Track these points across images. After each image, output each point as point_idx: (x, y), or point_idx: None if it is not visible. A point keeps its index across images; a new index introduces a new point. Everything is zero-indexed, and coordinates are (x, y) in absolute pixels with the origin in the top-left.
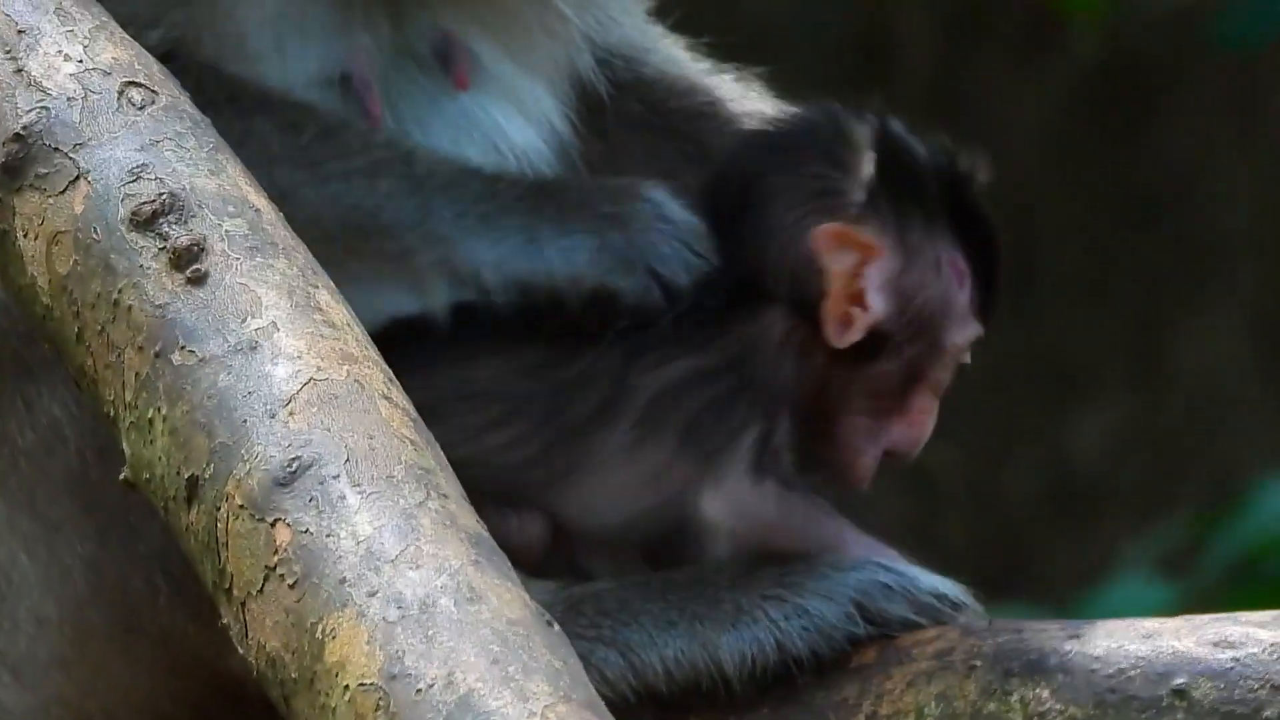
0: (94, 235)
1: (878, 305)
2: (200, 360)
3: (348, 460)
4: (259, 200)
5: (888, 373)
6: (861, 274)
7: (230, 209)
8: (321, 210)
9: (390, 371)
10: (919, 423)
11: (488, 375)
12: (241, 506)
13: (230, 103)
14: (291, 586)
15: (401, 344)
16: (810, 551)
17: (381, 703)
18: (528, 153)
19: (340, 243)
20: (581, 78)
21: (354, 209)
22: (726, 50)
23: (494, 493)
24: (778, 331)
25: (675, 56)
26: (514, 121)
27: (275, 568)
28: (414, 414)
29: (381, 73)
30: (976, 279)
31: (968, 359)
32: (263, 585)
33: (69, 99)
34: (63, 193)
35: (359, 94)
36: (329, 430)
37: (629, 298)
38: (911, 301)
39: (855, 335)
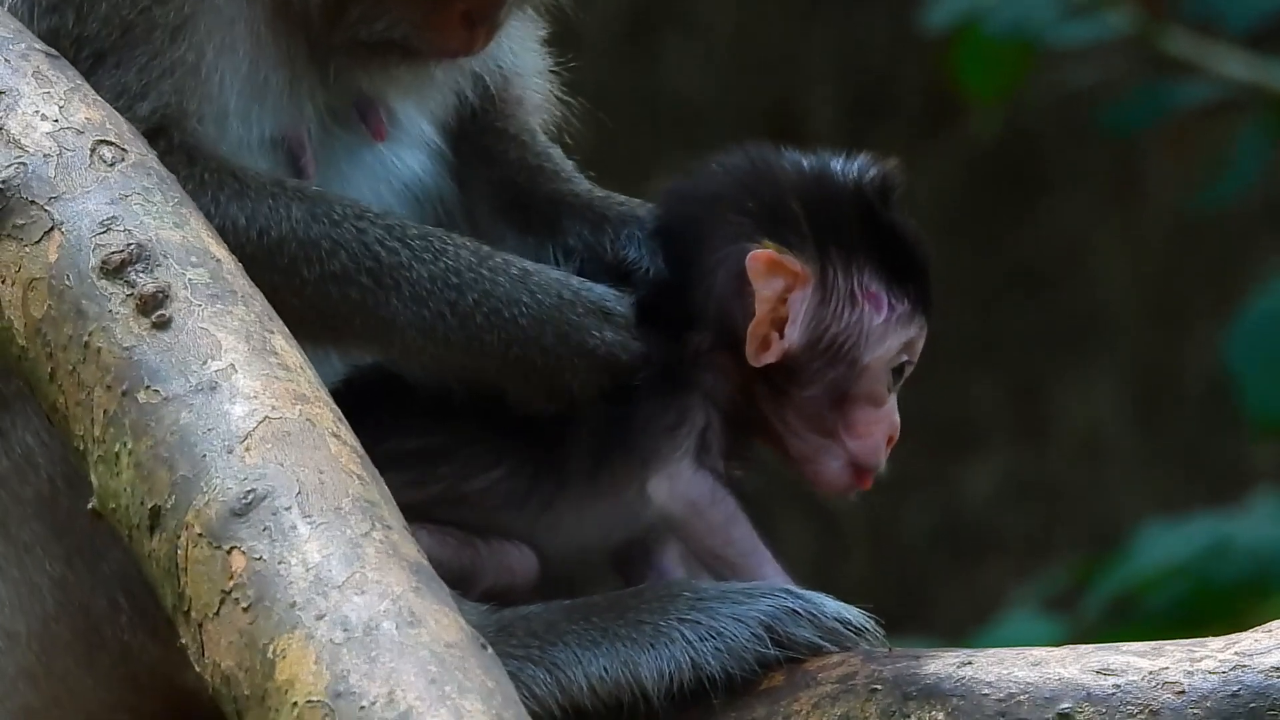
0: (67, 282)
1: (794, 336)
2: (164, 399)
3: (299, 493)
4: (220, 251)
5: (813, 397)
6: (787, 300)
7: (193, 259)
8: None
9: (340, 411)
10: (866, 434)
11: (473, 423)
12: (200, 535)
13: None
14: (245, 609)
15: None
16: (725, 546)
17: (327, 718)
18: (440, 196)
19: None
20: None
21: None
22: (649, 120)
23: (491, 528)
24: (704, 351)
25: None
26: (425, 166)
27: (231, 592)
28: (360, 451)
29: (312, 133)
30: (900, 290)
31: (913, 359)
32: (219, 608)
33: (45, 155)
34: (38, 242)
35: (295, 154)
36: (282, 465)
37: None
38: (825, 334)
39: (770, 358)
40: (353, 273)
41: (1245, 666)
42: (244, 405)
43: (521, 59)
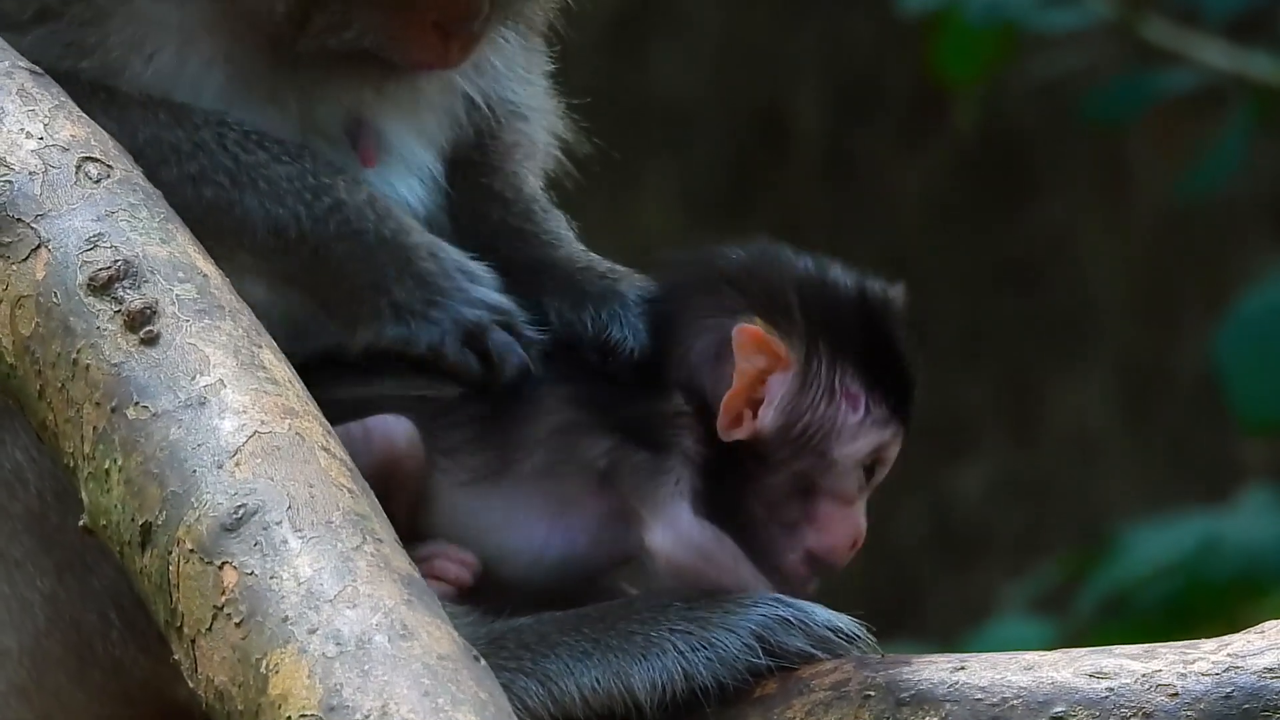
0: (54, 299)
1: (766, 419)
2: (153, 415)
3: (289, 507)
4: (207, 266)
5: (778, 484)
6: (765, 382)
7: (180, 275)
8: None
9: (329, 424)
10: (830, 529)
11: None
12: (191, 550)
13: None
14: (238, 625)
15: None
16: (734, 587)
17: None
18: (433, 224)
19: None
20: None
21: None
22: (636, 121)
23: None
24: (680, 414)
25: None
26: (417, 194)
27: (223, 607)
28: (350, 464)
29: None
30: (880, 397)
31: (886, 465)
32: (211, 624)
33: (31, 173)
34: (25, 260)
35: None
36: (272, 479)
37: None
38: (798, 422)
39: (740, 435)
40: (209, 172)
41: (1238, 668)
42: (233, 420)
43: (522, 94)
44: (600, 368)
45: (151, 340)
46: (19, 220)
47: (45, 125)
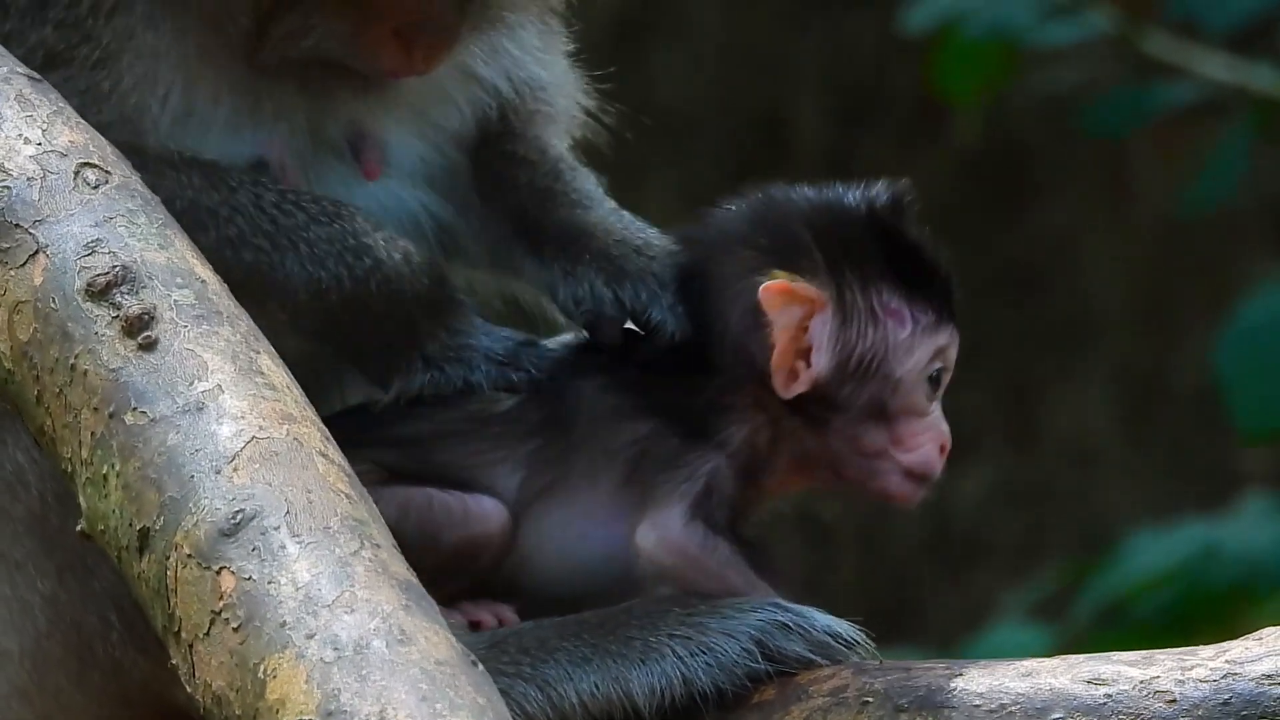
0: (52, 305)
1: (820, 363)
2: (151, 420)
3: (287, 513)
4: (205, 272)
5: (853, 419)
6: (807, 328)
7: (178, 280)
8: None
9: (327, 430)
10: (916, 445)
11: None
12: (189, 556)
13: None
14: (235, 630)
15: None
16: (725, 591)
17: None
18: (445, 232)
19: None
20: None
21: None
22: (637, 128)
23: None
24: (726, 396)
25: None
26: (425, 203)
27: (220, 612)
28: (349, 470)
29: (299, 157)
30: (922, 301)
31: (949, 367)
32: (209, 628)
33: (29, 179)
34: (23, 265)
35: (276, 176)
36: (270, 485)
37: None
38: (851, 355)
39: (800, 388)
40: (249, 235)
41: (1236, 675)
42: (231, 425)
43: (541, 73)
44: (637, 353)
45: (149, 345)
46: (17, 226)
47: (44, 131)
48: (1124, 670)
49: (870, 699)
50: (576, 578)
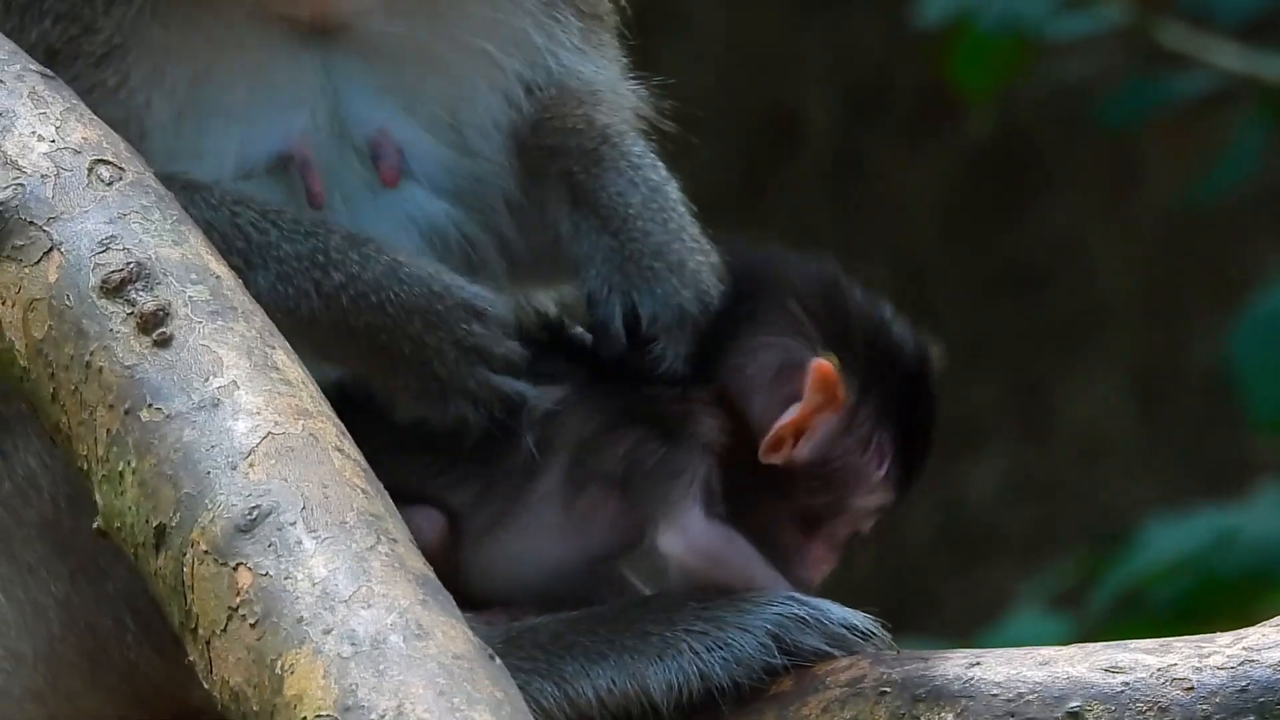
0: (67, 302)
1: (804, 451)
2: (167, 417)
3: (304, 508)
4: (219, 268)
5: (786, 511)
6: (817, 417)
7: (193, 276)
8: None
9: (342, 425)
10: (813, 567)
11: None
12: (206, 552)
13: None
14: (253, 626)
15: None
16: (746, 587)
17: None
18: (464, 239)
19: None
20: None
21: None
22: (647, 125)
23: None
24: (705, 405)
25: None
26: (453, 210)
27: (238, 608)
28: (364, 464)
29: (321, 155)
30: (900, 459)
31: (866, 527)
32: (226, 625)
33: (43, 176)
34: (38, 263)
35: (299, 172)
36: (286, 480)
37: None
38: (830, 463)
39: (776, 460)
40: (223, 253)
41: (1253, 661)
42: (247, 421)
43: (582, 64)
44: (623, 365)
45: (164, 342)
46: (31, 223)
47: (57, 128)
48: (1141, 658)
49: (888, 689)
50: (555, 582)
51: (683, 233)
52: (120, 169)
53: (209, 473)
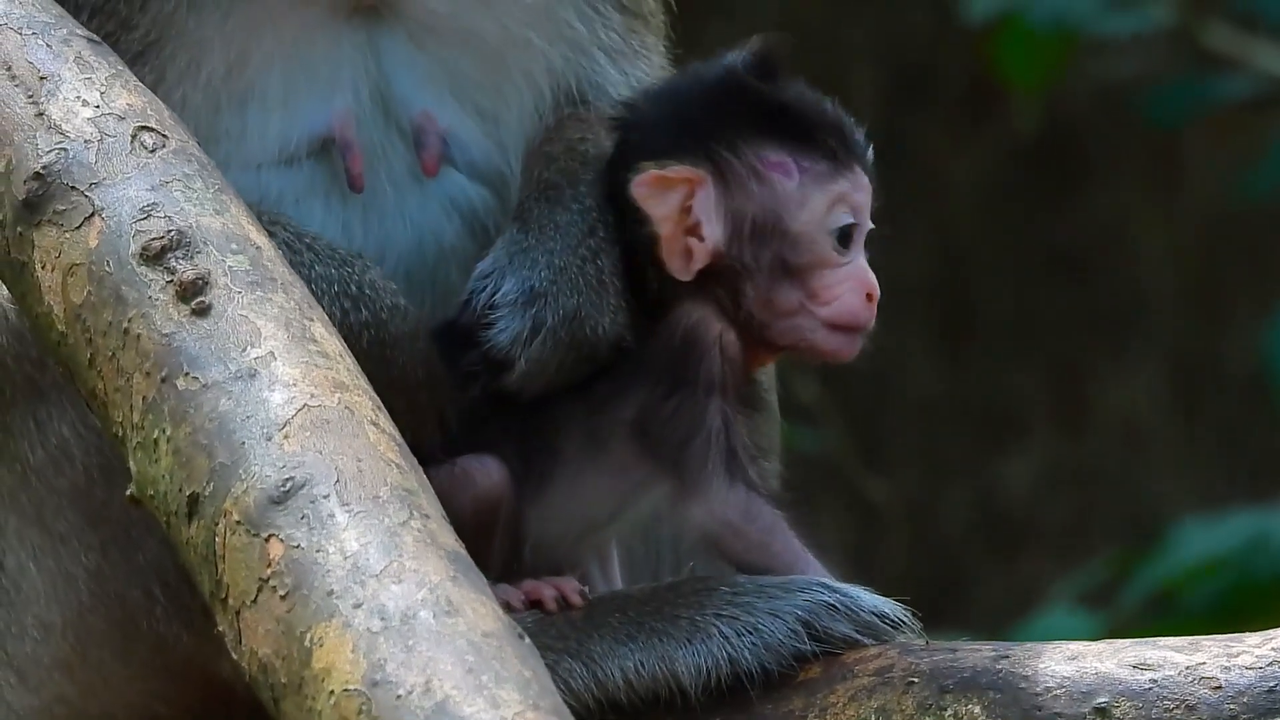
0: (106, 268)
1: (712, 233)
2: (203, 386)
3: (337, 481)
4: (260, 238)
5: (763, 282)
6: (690, 207)
7: (233, 246)
8: None
9: (379, 399)
10: (832, 296)
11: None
12: (238, 522)
13: None
14: (283, 597)
15: None
16: (767, 560)
17: (364, 707)
18: (498, 230)
19: None
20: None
21: None
22: None
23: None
24: (679, 322)
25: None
26: (490, 202)
27: (268, 580)
28: (399, 439)
29: (363, 137)
30: (809, 148)
31: (859, 218)
32: (256, 596)
33: (86, 141)
34: (78, 228)
35: (342, 154)
36: (320, 453)
37: None
38: (744, 219)
39: (700, 263)
40: None
41: None
42: (283, 393)
43: (626, 67)
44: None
45: (203, 311)
46: (73, 188)
47: (102, 94)
48: (1170, 656)
49: (915, 679)
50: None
51: (588, 267)
52: (164, 136)
53: (244, 443)
